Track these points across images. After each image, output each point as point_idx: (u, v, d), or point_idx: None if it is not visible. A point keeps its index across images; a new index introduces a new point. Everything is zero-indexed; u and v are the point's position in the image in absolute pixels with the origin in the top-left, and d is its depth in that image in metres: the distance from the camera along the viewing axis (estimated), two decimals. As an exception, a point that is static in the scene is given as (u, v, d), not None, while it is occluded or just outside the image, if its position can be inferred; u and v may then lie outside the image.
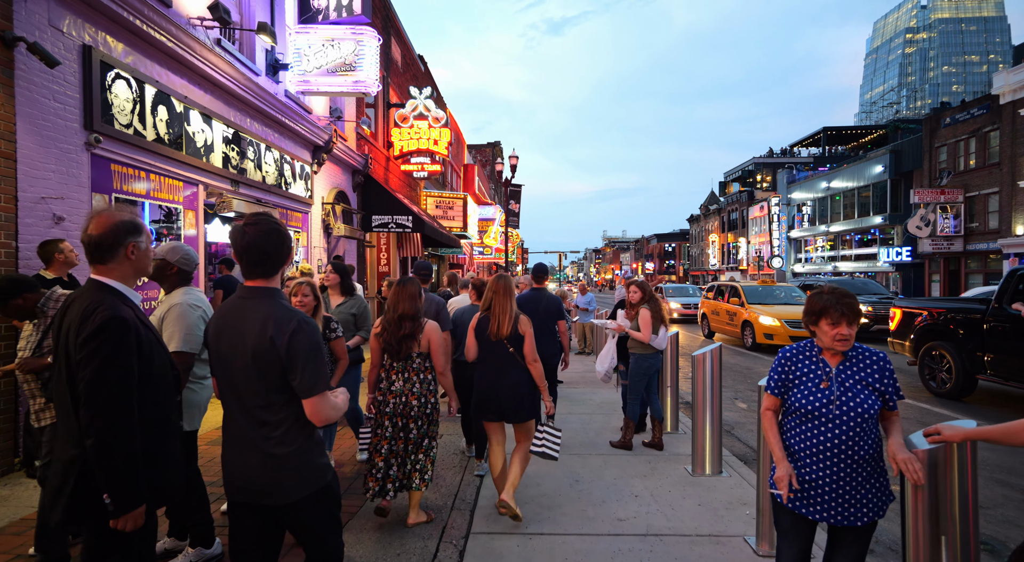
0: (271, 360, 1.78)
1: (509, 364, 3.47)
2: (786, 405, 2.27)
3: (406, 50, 17.05)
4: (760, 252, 46.73)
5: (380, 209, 12.49)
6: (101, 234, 1.77)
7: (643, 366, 5.06)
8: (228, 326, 1.85)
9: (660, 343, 5.05)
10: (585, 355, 11.78)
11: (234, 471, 1.87)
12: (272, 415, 1.83)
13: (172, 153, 5.91)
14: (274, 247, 1.88)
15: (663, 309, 5.16)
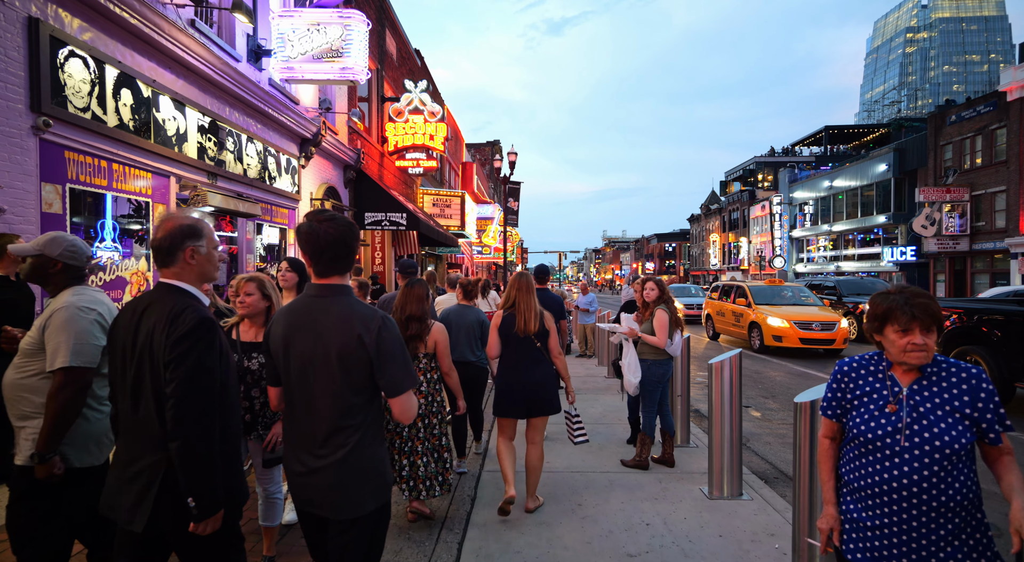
0: (359, 359, 1.73)
1: (537, 360, 3.61)
2: (844, 431, 1.81)
3: (401, 43, 16.58)
4: (762, 252, 46.29)
5: (373, 206, 12.01)
6: (160, 238, 1.79)
7: (657, 374, 4.59)
8: (302, 327, 1.79)
9: (675, 349, 4.57)
10: (586, 358, 11.31)
11: (303, 481, 1.80)
12: (351, 419, 1.77)
13: (138, 141, 5.43)
14: (353, 243, 1.87)
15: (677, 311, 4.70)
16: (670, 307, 4.60)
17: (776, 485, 4.38)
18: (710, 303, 14.97)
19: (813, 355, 11.32)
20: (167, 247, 1.79)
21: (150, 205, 5.78)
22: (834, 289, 14.87)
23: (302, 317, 1.80)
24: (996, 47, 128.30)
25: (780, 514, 3.61)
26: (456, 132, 26.51)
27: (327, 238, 1.80)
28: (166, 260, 1.79)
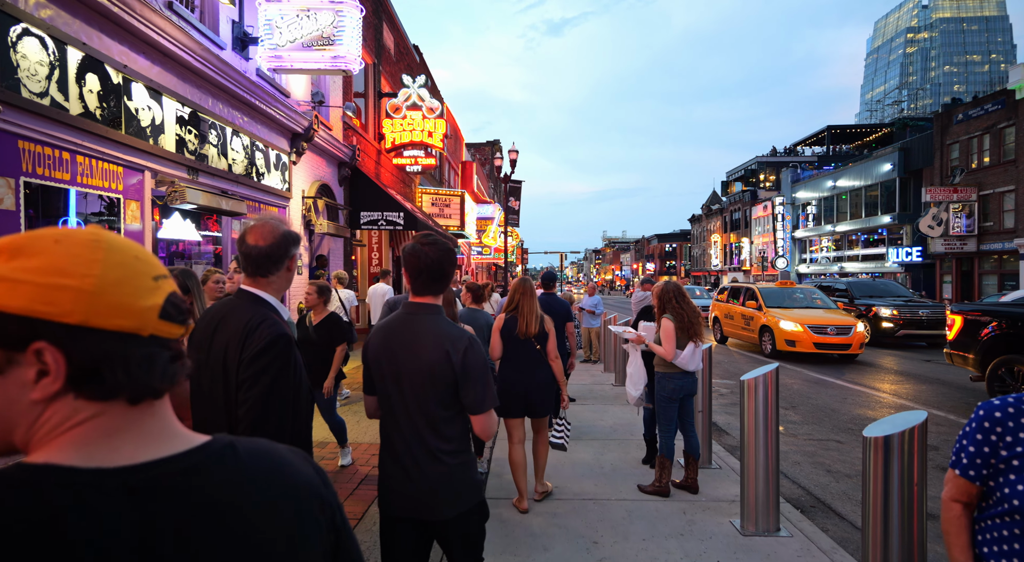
0: (446, 375, 1.81)
1: (537, 362, 3.76)
2: (992, 498, 1.33)
3: (400, 38, 16.11)
4: (764, 252, 45.86)
5: (369, 205, 11.54)
6: (270, 245, 1.69)
7: (667, 389, 4.12)
8: (400, 341, 1.87)
9: (687, 362, 4.06)
10: (591, 363, 10.84)
11: (400, 486, 1.86)
12: (444, 429, 1.86)
13: (107, 132, 4.96)
14: (451, 266, 1.93)
15: (694, 316, 4.18)
16: (676, 314, 4.11)
17: (814, 516, 3.91)
18: (717, 305, 14.50)
19: (827, 360, 10.86)
20: (277, 255, 1.71)
21: (121, 202, 5.31)
22: (845, 291, 14.41)
23: (399, 333, 1.88)
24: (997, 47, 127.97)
25: (827, 555, 3.14)
26: (456, 131, 26.05)
27: (426, 260, 1.88)
28: (268, 269, 1.71)
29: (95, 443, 0.58)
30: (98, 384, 0.57)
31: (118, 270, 0.59)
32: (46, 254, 0.57)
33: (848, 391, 8.20)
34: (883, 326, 12.80)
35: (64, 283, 0.56)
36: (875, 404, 7.38)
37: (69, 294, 0.56)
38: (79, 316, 0.56)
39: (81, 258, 0.57)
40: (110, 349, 0.57)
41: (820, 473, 4.78)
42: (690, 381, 4.14)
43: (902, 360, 11.25)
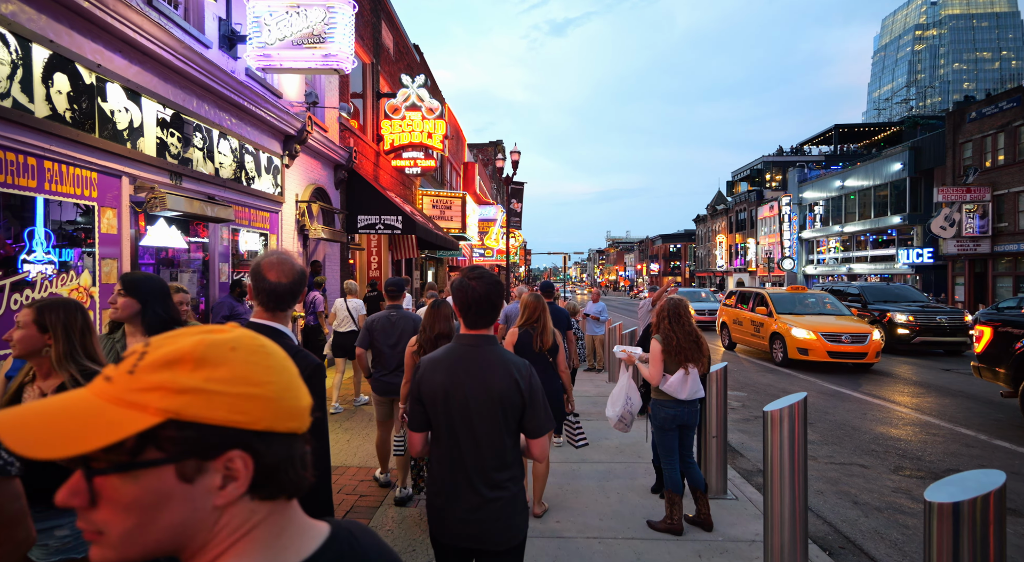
0: (515, 402, 1.88)
1: (550, 374, 3.91)
2: None
3: (399, 37, 15.79)
4: (770, 253, 45.34)
5: (367, 208, 11.22)
6: (292, 283, 1.79)
7: (658, 417, 3.79)
8: (466, 371, 1.89)
9: (677, 389, 3.64)
10: (595, 372, 10.48)
11: (454, 513, 1.88)
12: (505, 458, 1.90)
13: (78, 135, 4.64)
14: (498, 300, 1.98)
15: (688, 340, 3.70)
16: (667, 336, 3.70)
17: (844, 559, 3.54)
18: (726, 310, 14.10)
19: (841, 370, 10.45)
20: (297, 291, 1.81)
21: (95, 210, 4.99)
22: (858, 296, 13.98)
23: (463, 364, 1.90)
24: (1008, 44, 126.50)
25: (864, 614, 2.78)
26: (458, 131, 25.73)
27: (474, 295, 1.93)
28: (288, 303, 1.80)
29: (272, 544, 0.62)
30: (273, 485, 0.61)
31: (285, 375, 0.63)
32: (229, 364, 0.59)
33: (867, 405, 7.80)
34: (899, 332, 12.38)
35: (253, 392, 0.59)
36: (897, 421, 6.99)
37: (259, 402, 0.59)
38: (266, 423, 0.59)
39: (260, 366, 0.61)
40: (286, 451, 0.62)
41: (846, 505, 4.40)
42: (685, 411, 3.74)
43: (920, 369, 10.84)
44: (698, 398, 3.74)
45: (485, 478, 1.87)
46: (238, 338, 0.61)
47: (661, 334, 3.74)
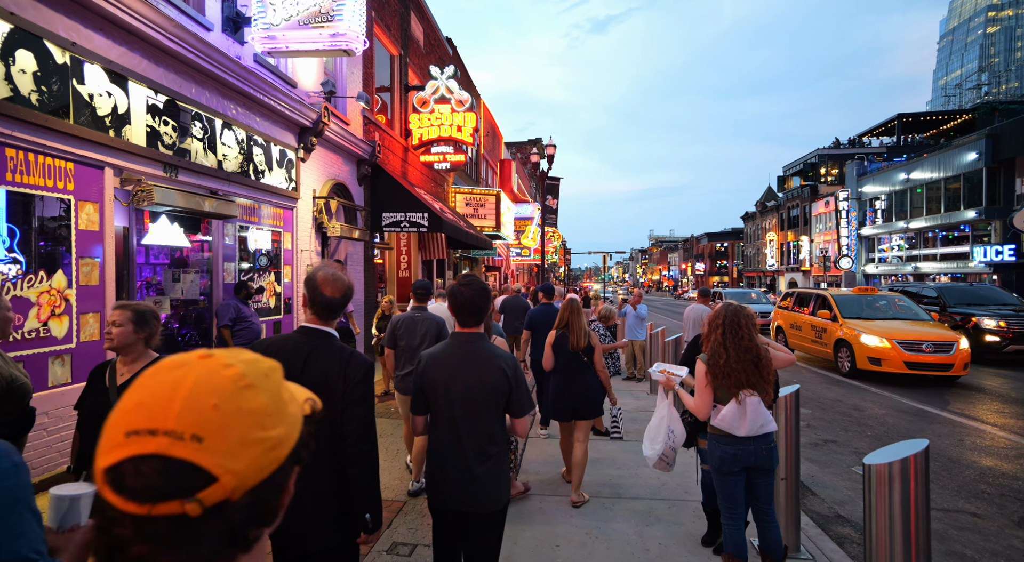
0: (502, 389, 2.24)
1: (582, 372, 4.25)
2: None
3: (430, 29, 15.25)
4: (826, 251, 42.73)
5: (391, 205, 10.66)
6: (343, 297, 2.04)
7: (714, 456, 2.94)
8: (461, 365, 2.25)
9: (731, 424, 2.80)
10: (636, 381, 9.56)
11: (452, 482, 2.22)
12: (494, 435, 2.27)
13: (47, 120, 4.17)
14: (484, 303, 2.36)
15: (741, 359, 2.81)
16: (716, 352, 2.85)
17: None
18: (781, 313, 12.85)
19: (920, 382, 9.14)
20: (345, 304, 2.06)
21: (73, 204, 4.51)
22: (936, 299, 12.44)
23: (459, 358, 2.26)
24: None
25: None
26: (494, 128, 25.10)
27: (462, 298, 2.33)
28: (337, 315, 2.05)
29: None
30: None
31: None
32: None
33: (961, 429, 6.60)
34: (986, 340, 10.85)
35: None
36: (1007, 451, 5.79)
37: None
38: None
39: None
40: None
41: (958, 570, 3.41)
42: (750, 449, 2.84)
43: (1015, 382, 9.38)
44: (768, 432, 2.87)
45: (477, 453, 2.21)
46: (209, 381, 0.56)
47: (709, 350, 2.89)
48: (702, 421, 2.94)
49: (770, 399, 2.85)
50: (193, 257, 6.79)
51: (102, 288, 4.77)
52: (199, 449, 0.49)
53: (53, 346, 4.31)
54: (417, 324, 4.45)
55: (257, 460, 0.52)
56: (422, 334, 4.40)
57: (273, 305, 7.51)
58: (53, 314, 4.31)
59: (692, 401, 2.93)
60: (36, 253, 4.24)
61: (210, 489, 0.49)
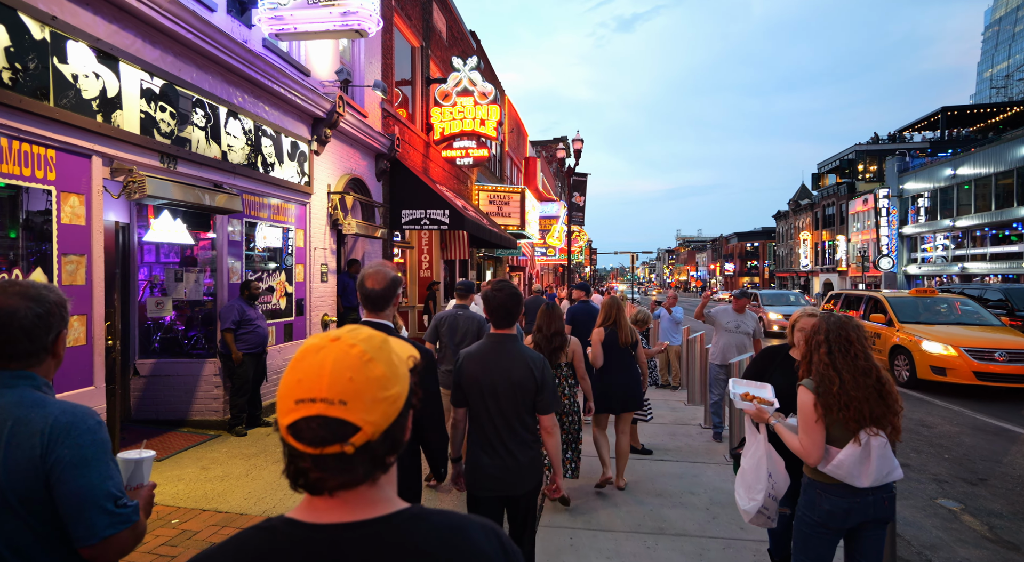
0: (529, 386, 2.43)
1: (629, 366, 4.58)
2: None
3: (452, 21, 14.78)
4: (864, 251, 40.94)
5: (411, 202, 10.19)
6: (384, 288, 2.21)
7: (817, 510, 2.30)
8: (493, 362, 2.46)
9: (850, 472, 2.17)
10: (671, 390, 8.87)
11: (490, 471, 2.44)
12: (526, 426, 2.47)
13: (21, 101, 3.75)
14: (516, 306, 2.55)
15: (862, 384, 2.19)
16: (826, 377, 2.21)
17: None
18: (827, 317, 11.94)
19: (993, 395, 8.21)
20: (389, 295, 2.24)
21: (55, 195, 4.10)
22: (1003, 301, 11.38)
23: (492, 356, 2.47)
24: None
25: None
26: (518, 125, 24.54)
27: (496, 302, 2.54)
28: (383, 306, 2.24)
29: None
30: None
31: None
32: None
33: (1052, 451, 5.75)
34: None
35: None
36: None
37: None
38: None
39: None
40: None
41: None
42: (866, 503, 2.21)
43: (1101, 396, 8.37)
44: (891, 482, 2.22)
45: (510, 443, 2.44)
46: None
47: (814, 374, 2.26)
48: (812, 466, 2.27)
49: (898, 436, 2.20)
50: (203, 256, 6.40)
51: (88, 288, 4.36)
52: (346, 410, 0.71)
53: (30, 352, 3.89)
54: (460, 322, 4.66)
55: (385, 412, 0.74)
56: (463, 332, 4.60)
57: (284, 306, 7.07)
58: (31, 317, 3.90)
59: (796, 441, 2.28)
60: (11, 249, 3.83)
61: (357, 436, 0.71)
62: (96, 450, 1.20)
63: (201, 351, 6.14)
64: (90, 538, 1.17)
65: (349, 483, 0.73)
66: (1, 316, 1.21)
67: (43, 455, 1.14)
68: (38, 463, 1.14)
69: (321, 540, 0.72)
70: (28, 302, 1.25)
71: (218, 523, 3.75)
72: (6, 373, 1.22)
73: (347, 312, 8.52)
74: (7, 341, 1.21)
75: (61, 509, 1.16)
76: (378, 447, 0.73)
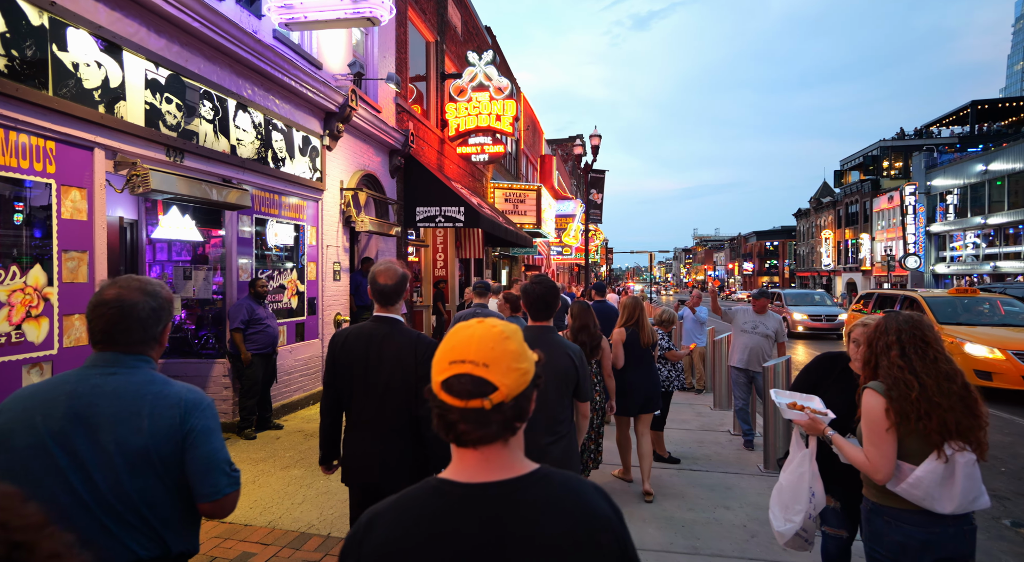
0: (571, 375, 2.51)
1: (650, 366, 4.57)
2: None
3: (468, 16, 14.54)
4: (890, 250, 39.86)
5: (426, 199, 9.97)
6: (395, 284, 2.36)
7: (887, 541, 1.98)
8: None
9: (929, 494, 1.86)
10: (695, 393, 8.51)
11: (541, 453, 2.36)
12: (563, 415, 2.52)
13: (18, 90, 3.57)
14: (553, 299, 2.69)
15: (944, 388, 1.89)
16: (901, 381, 1.90)
17: None
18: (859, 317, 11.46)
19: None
20: (400, 290, 2.38)
21: (54, 189, 3.92)
22: (1047, 301, 10.79)
23: (535, 346, 1.84)
24: None
25: None
26: (534, 122, 24.24)
27: (535, 295, 2.67)
28: (394, 300, 2.38)
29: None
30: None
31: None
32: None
33: (1118, 463, 5.29)
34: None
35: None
36: None
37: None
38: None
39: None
40: None
41: None
42: (947, 535, 1.89)
43: None
44: (977, 510, 1.90)
45: (548, 433, 2.44)
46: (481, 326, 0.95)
47: (884, 378, 1.95)
48: (879, 483, 1.96)
49: (984, 454, 1.88)
50: (214, 254, 6.24)
51: (91, 287, 4.17)
52: (488, 371, 0.87)
53: (28, 352, 3.72)
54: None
55: (517, 380, 0.89)
56: None
57: (295, 305, 6.88)
58: (28, 316, 3.72)
59: (859, 454, 1.98)
60: (9, 245, 3.66)
61: (495, 394, 0.87)
62: (216, 423, 1.44)
63: (211, 351, 5.97)
64: (214, 495, 1.41)
65: (486, 437, 0.88)
66: (125, 308, 1.39)
67: (180, 424, 1.36)
68: (176, 430, 1.35)
69: (476, 495, 0.88)
70: (146, 297, 1.42)
71: (220, 535, 3.53)
72: (129, 357, 1.41)
73: (360, 311, 8.32)
74: (127, 330, 1.39)
75: (190, 470, 1.37)
76: (509, 410, 0.88)
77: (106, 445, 1.30)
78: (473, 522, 0.85)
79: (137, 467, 1.31)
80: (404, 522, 0.87)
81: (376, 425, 2.28)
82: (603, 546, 0.88)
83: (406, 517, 0.88)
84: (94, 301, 1.40)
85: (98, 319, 1.38)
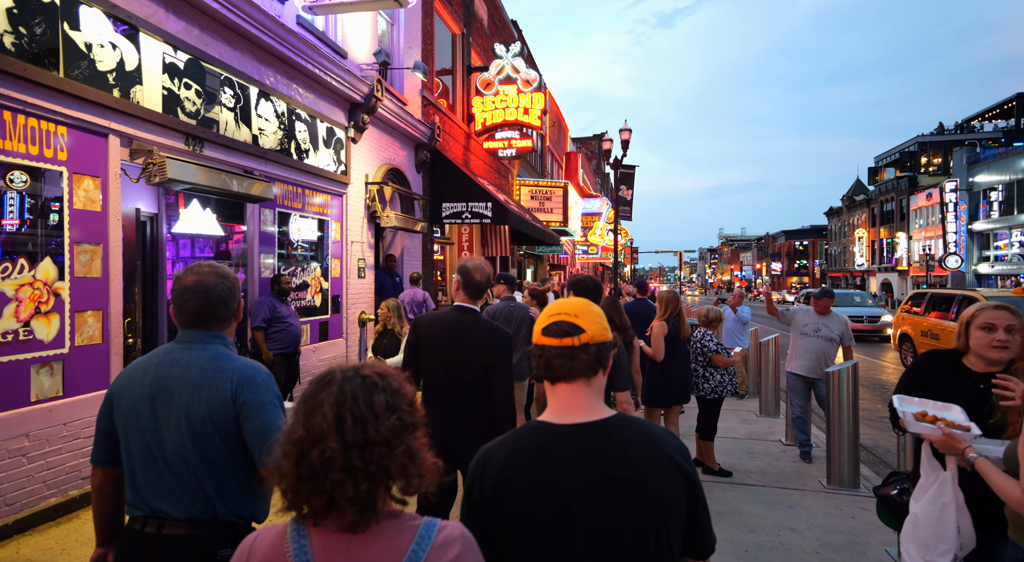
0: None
1: (685, 359, 4.62)
2: None
3: (494, 9, 14.21)
4: (929, 249, 38.27)
5: (452, 195, 9.66)
6: (486, 281, 2.72)
7: None
8: None
9: None
10: (738, 398, 8.01)
11: None
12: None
13: (25, 70, 3.34)
14: (597, 296, 3.13)
15: None
16: None
17: None
18: (908, 318, 10.76)
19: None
20: (486, 288, 2.74)
21: (66, 177, 3.69)
22: (1122, 302, 9.98)
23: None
24: None
25: None
26: (559, 119, 23.82)
27: (580, 289, 3.14)
28: (480, 295, 2.72)
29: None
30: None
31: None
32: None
33: None
34: None
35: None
36: None
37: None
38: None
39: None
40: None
41: None
42: None
43: None
44: None
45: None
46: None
47: None
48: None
49: None
50: (237, 250, 6.01)
51: (105, 281, 3.93)
52: (577, 319, 1.12)
53: (37, 351, 3.49)
54: (513, 313, 4.73)
55: (600, 330, 1.13)
56: (518, 322, 4.63)
57: (319, 303, 6.62)
58: (38, 312, 3.49)
59: (1014, 488, 1.56)
60: (17, 236, 3.43)
61: (582, 335, 1.10)
62: (271, 397, 1.52)
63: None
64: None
65: (574, 371, 1.11)
66: (207, 290, 1.52)
67: (232, 398, 1.47)
68: (229, 403, 1.46)
69: (573, 433, 1.10)
70: (220, 279, 1.55)
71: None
72: (207, 334, 1.55)
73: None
74: (211, 310, 1.53)
75: (248, 438, 1.47)
76: (593, 351, 1.12)
77: (176, 411, 1.45)
78: (575, 449, 1.07)
79: (198, 433, 1.44)
80: (517, 453, 1.10)
81: (453, 402, 2.54)
82: (679, 470, 1.10)
83: (518, 449, 1.10)
84: (178, 288, 1.54)
85: (187, 303, 1.52)
